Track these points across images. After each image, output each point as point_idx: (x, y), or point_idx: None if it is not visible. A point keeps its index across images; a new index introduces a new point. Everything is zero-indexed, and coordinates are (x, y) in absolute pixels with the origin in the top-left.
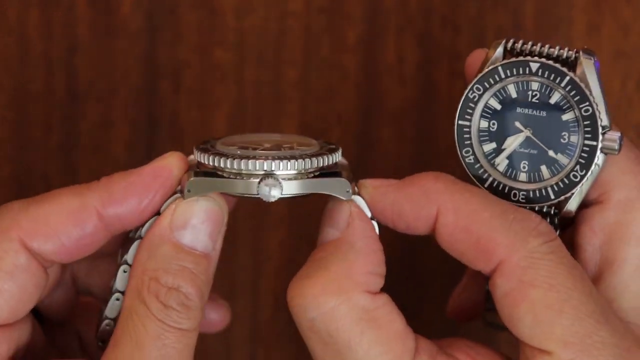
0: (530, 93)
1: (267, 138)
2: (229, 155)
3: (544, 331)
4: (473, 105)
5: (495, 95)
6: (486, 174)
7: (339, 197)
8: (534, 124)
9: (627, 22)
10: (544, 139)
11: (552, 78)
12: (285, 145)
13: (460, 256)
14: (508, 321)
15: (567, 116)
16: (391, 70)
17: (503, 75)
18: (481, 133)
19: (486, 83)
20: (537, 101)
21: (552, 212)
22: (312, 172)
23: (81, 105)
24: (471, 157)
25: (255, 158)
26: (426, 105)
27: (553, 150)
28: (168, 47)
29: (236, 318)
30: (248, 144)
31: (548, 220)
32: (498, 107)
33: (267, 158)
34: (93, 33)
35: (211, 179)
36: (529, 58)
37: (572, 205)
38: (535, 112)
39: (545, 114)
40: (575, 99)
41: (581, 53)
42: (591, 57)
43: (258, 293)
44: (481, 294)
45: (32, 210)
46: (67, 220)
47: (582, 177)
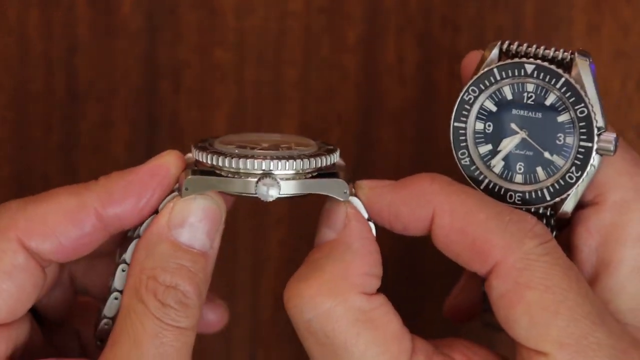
0: (525, 95)
1: (265, 138)
2: (227, 154)
3: (540, 333)
4: (469, 107)
5: (490, 97)
6: (482, 176)
7: (337, 198)
8: (530, 126)
9: (627, 22)
10: (540, 141)
11: (548, 79)
12: (283, 145)
13: (456, 257)
14: (504, 323)
15: (563, 117)
16: (391, 70)
17: (498, 77)
18: (477, 135)
19: (482, 85)
20: (533, 103)
21: (548, 214)
22: (310, 173)
23: (81, 105)
24: (467, 159)
25: (253, 157)
26: (426, 105)
27: (549, 151)
28: (168, 47)
29: (236, 318)
30: (246, 144)
31: (544, 221)
32: (494, 109)
33: (266, 158)
34: (93, 33)
35: (209, 178)
36: (524, 60)
37: (568, 206)
38: (530, 114)
39: (540, 116)
40: (570, 101)
41: (576, 54)
42: (586, 58)
43: (258, 293)
44: (479, 295)
45: (30, 209)
46: (65, 219)
47: (578, 179)
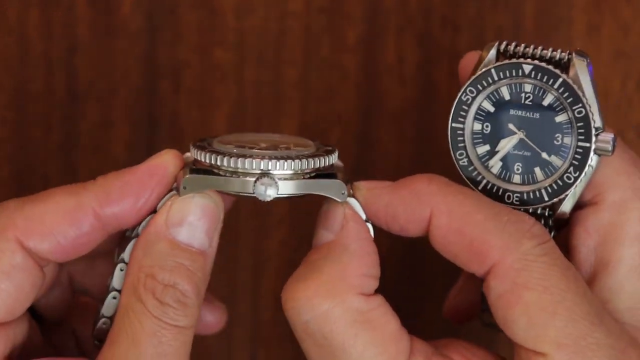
0: (523, 95)
1: (264, 138)
2: (226, 153)
3: (538, 333)
4: (466, 107)
5: (488, 97)
6: (480, 176)
7: (334, 199)
8: (528, 126)
9: (627, 22)
10: (538, 141)
11: (545, 80)
12: (282, 145)
13: (453, 258)
14: (502, 323)
15: (560, 118)
16: (391, 70)
17: (496, 77)
18: (475, 135)
19: (479, 85)
20: (530, 103)
21: (547, 214)
22: (309, 173)
23: (81, 105)
24: (465, 160)
25: (252, 157)
26: (426, 105)
27: (546, 152)
28: (168, 47)
29: (237, 318)
30: (245, 143)
31: (542, 222)
32: (491, 110)
33: (264, 157)
34: (93, 33)
35: (207, 177)
36: (522, 60)
37: (566, 206)
38: (528, 114)
39: (538, 116)
40: (568, 101)
41: (574, 54)
42: (584, 59)
43: (259, 293)
44: (477, 296)
45: (28, 209)
46: (63, 219)
47: (576, 179)
